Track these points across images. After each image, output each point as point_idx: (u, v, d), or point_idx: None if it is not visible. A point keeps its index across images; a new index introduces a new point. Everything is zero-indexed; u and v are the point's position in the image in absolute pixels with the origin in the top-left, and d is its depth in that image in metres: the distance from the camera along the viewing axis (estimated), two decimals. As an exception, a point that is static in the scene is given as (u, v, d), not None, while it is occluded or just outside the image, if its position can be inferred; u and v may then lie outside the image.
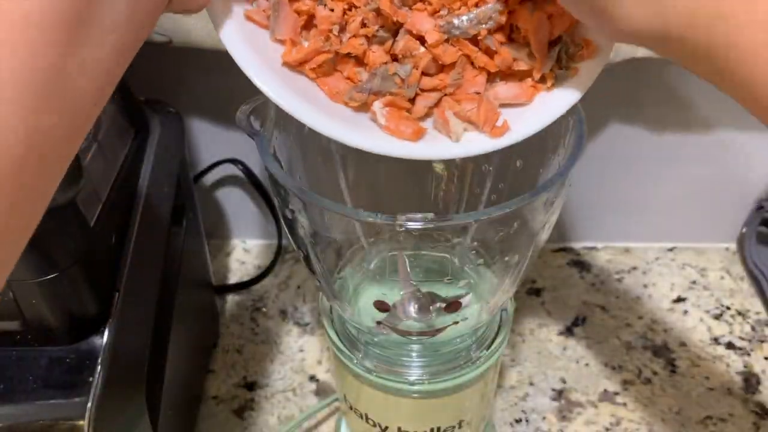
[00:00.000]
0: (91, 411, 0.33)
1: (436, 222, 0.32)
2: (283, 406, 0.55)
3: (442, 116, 0.32)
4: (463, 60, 0.31)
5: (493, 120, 0.31)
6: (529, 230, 0.35)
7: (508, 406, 0.55)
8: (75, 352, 0.35)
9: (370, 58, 0.31)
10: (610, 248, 0.69)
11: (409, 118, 0.32)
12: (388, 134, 0.31)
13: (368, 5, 0.30)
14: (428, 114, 0.33)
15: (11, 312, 0.34)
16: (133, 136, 0.46)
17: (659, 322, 0.61)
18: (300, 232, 0.36)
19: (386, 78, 0.31)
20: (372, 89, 0.31)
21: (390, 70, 0.31)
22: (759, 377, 0.57)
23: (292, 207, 0.35)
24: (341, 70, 0.32)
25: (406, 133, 0.31)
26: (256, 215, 0.65)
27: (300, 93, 0.31)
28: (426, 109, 0.32)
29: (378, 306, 0.38)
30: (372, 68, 0.31)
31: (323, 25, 0.31)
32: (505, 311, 0.43)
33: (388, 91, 0.31)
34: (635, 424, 0.53)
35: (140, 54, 0.24)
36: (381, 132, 0.32)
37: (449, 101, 0.32)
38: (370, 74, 0.31)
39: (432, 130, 0.32)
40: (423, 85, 0.32)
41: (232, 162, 0.61)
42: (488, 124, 0.31)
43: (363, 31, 0.31)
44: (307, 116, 0.30)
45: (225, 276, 0.66)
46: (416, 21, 0.30)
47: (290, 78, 0.31)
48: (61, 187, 0.31)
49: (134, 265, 0.40)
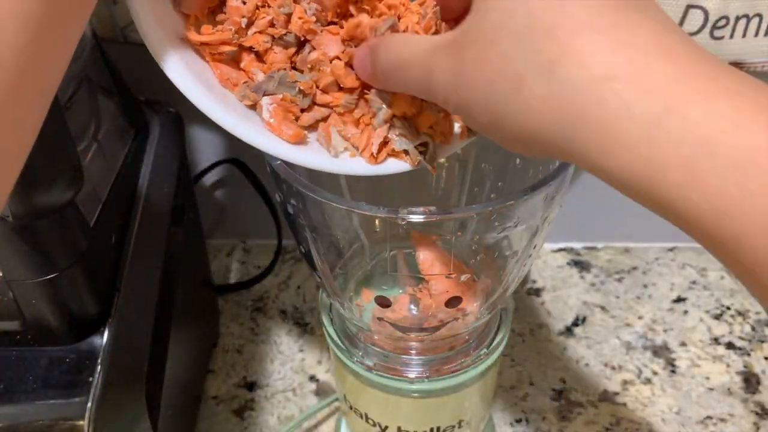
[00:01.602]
0: (91, 411, 0.33)
1: (438, 215, 0.32)
2: (283, 406, 0.55)
3: (327, 130, 0.32)
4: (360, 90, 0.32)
5: (371, 149, 0.32)
6: (529, 228, 0.35)
7: (508, 406, 0.55)
8: (75, 352, 0.35)
9: (271, 58, 0.31)
10: (610, 248, 0.69)
11: (293, 121, 0.32)
12: (269, 130, 0.31)
13: (282, 8, 0.30)
14: (314, 127, 0.33)
15: (11, 312, 0.34)
16: (133, 136, 0.46)
17: (659, 322, 0.61)
18: (301, 229, 0.36)
19: (283, 83, 0.31)
20: (267, 91, 0.31)
21: (291, 77, 0.31)
22: (759, 377, 0.57)
23: (293, 202, 0.35)
24: (239, 60, 0.32)
25: (286, 134, 0.31)
26: (256, 215, 0.65)
27: (190, 67, 0.31)
28: (313, 121, 0.32)
29: (379, 302, 0.38)
30: (270, 69, 0.31)
31: (233, 16, 0.30)
32: (504, 311, 0.43)
33: (282, 96, 0.31)
34: (635, 424, 0.53)
35: (140, 54, 0.24)
36: (262, 127, 0.32)
37: (336, 119, 0.32)
38: (267, 76, 0.31)
39: (314, 141, 0.33)
40: (317, 99, 0.32)
41: (232, 162, 0.61)
42: (367, 151, 0.32)
43: (270, 30, 0.31)
44: (194, 94, 0.30)
45: (225, 276, 0.66)
46: (325, 42, 0.31)
47: (183, 49, 0.31)
48: (61, 187, 0.31)
49: (134, 265, 0.40)
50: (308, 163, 0.32)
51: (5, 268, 0.33)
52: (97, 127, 0.41)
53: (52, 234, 0.33)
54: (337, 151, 0.32)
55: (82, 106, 0.39)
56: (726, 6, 0.49)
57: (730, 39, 0.51)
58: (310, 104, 0.32)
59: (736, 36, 0.50)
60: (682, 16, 0.49)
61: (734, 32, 0.50)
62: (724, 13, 0.49)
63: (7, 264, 0.33)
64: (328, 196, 0.32)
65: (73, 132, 0.33)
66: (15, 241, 0.32)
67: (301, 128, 0.32)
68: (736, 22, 0.50)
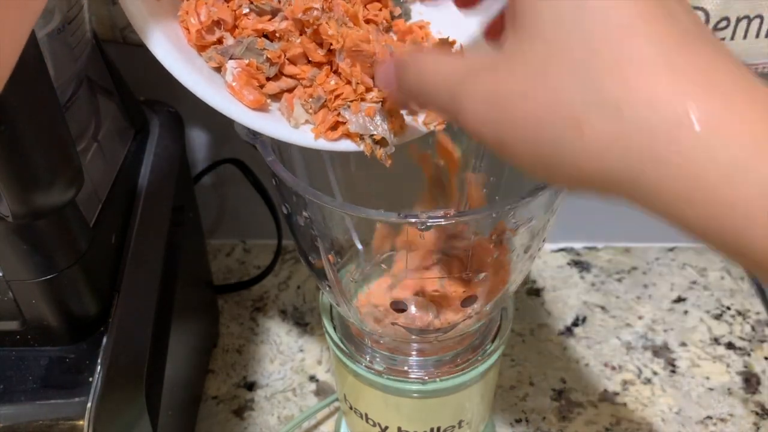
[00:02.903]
0: (91, 411, 0.33)
1: (457, 218, 0.32)
2: (283, 406, 0.55)
3: (290, 101, 0.32)
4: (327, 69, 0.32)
5: (328, 124, 0.32)
6: (535, 224, 0.36)
7: (508, 406, 0.55)
8: (75, 352, 0.35)
9: (243, 23, 0.31)
10: (610, 248, 0.69)
11: (257, 87, 0.32)
12: (230, 93, 0.32)
13: None
14: (278, 96, 0.33)
15: (11, 312, 0.34)
16: (132, 136, 0.46)
17: (659, 322, 0.61)
18: (303, 233, 0.36)
19: (251, 49, 0.31)
20: (234, 55, 0.31)
21: (259, 44, 0.31)
22: (759, 377, 0.57)
23: (294, 208, 0.35)
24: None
25: (247, 98, 0.32)
26: (256, 215, 0.65)
27: (160, 24, 0.31)
28: (278, 90, 0.33)
29: (394, 307, 0.38)
30: (240, 35, 0.31)
31: None
32: (505, 310, 0.43)
33: (248, 62, 0.32)
34: (635, 424, 0.53)
35: (140, 54, 0.24)
36: (224, 89, 0.32)
37: (301, 91, 0.32)
38: (236, 41, 0.31)
39: (275, 110, 0.33)
40: (284, 69, 0.32)
41: (232, 162, 0.61)
42: (323, 125, 0.32)
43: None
44: (160, 50, 0.30)
45: (225, 276, 0.66)
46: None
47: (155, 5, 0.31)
48: (61, 187, 0.31)
49: (134, 265, 0.40)
50: (265, 130, 0.32)
51: (5, 268, 0.33)
52: (97, 127, 0.41)
53: (52, 234, 0.33)
54: (298, 123, 0.33)
55: (82, 106, 0.39)
56: (727, 7, 0.49)
57: (731, 40, 0.51)
58: (276, 73, 0.32)
59: (737, 37, 0.50)
60: (683, 16, 0.49)
61: (735, 33, 0.50)
62: (724, 14, 0.49)
63: (7, 264, 0.33)
64: (339, 203, 0.32)
65: (73, 132, 0.33)
66: (15, 241, 0.32)
67: (263, 95, 0.32)
68: (737, 23, 0.50)
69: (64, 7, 0.34)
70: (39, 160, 0.29)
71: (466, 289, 0.38)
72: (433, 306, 0.38)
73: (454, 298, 0.38)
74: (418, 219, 0.31)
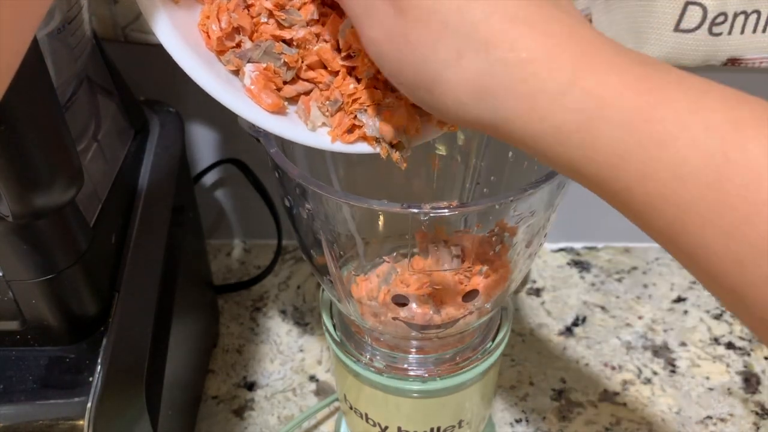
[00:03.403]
0: (91, 411, 0.33)
1: (460, 209, 0.32)
2: (283, 406, 0.55)
3: (307, 104, 0.32)
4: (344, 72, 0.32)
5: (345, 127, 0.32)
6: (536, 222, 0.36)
7: (508, 406, 0.55)
8: (75, 352, 0.36)
9: (261, 29, 0.32)
10: (610, 248, 0.69)
11: (274, 90, 0.32)
12: (248, 96, 0.32)
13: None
14: (295, 99, 0.33)
15: (11, 312, 0.34)
16: (132, 136, 0.46)
17: (659, 322, 0.61)
18: (304, 227, 0.36)
19: (269, 53, 0.31)
20: (252, 58, 0.32)
21: (277, 49, 0.31)
22: (759, 377, 0.57)
23: (297, 200, 0.35)
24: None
25: (265, 102, 0.32)
26: (256, 215, 0.65)
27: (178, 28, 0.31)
28: (295, 93, 0.33)
29: (396, 301, 0.38)
30: (258, 39, 0.32)
31: None
32: (505, 310, 0.43)
33: (266, 66, 0.32)
34: (635, 424, 0.53)
35: (140, 54, 0.24)
36: (242, 93, 0.32)
37: (318, 94, 0.32)
38: (254, 44, 0.31)
39: (292, 113, 0.33)
40: (302, 74, 0.32)
41: (232, 162, 0.61)
42: (339, 128, 0.32)
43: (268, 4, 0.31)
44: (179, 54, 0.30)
45: (225, 276, 0.66)
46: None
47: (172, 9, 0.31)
48: (61, 187, 0.31)
49: (134, 265, 0.40)
50: (283, 133, 0.32)
51: (5, 268, 0.33)
52: (97, 127, 0.41)
53: (52, 234, 0.33)
54: (315, 125, 0.33)
55: (82, 106, 0.39)
56: (724, 2, 0.49)
57: (729, 35, 0.51)
58: (293, 77, 0.32)
59: (734, 32, 0.50)
60: (681, 12, 0.49)
61: (732, 28, 0.50)
62: (722, 9, 0.49)
63: (7, 264, 0.33)
64: (343, 194, 0.33)
65: (73, 132, 0.33)
66: (15, 241, 0.32)
67: (281, 99, 0.32)
68: (734, 18, 0.50)
69: (64, 7, 0.34)
70: (39, 160, 0.29)
71: (468, 283, 0.38)
72: (434, 301, 0.38)
73: (456, 293, 0.38)
74: (420, 209, 0.31)
